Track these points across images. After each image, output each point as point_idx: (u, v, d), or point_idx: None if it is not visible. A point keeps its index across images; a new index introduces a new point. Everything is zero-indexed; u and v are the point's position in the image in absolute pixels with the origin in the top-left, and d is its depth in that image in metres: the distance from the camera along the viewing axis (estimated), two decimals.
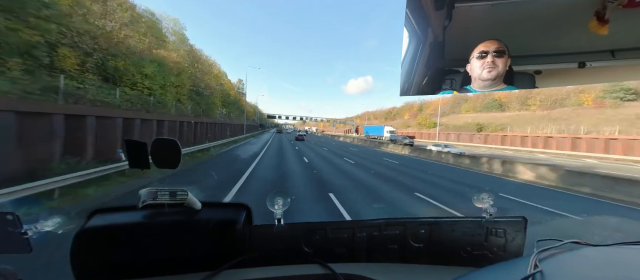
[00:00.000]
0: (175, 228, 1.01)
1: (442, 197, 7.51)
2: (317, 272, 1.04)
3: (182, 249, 1.01)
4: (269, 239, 1.10)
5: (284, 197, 1.17)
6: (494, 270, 0.87)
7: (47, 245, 1.24)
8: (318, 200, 6.71)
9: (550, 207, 6.81)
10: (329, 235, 1.14)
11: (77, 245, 0.91)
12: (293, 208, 1.15)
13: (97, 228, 0.96)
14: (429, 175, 11.79)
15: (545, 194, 9.00)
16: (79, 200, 5.91)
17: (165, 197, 0.96)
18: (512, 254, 1.16)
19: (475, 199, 1.21)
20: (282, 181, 8.95)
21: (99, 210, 1.03)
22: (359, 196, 7.38)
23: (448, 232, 1.18)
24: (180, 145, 1.03)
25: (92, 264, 0.93)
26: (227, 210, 1.15)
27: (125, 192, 6.84)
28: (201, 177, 9.25)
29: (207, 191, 7.32)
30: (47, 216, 1.32)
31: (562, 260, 0.85)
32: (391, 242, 1.17)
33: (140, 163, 1.02)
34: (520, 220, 1.18)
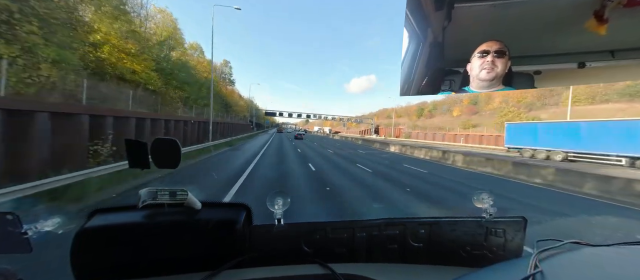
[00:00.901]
0: (175, 228, 1.01)
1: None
2: (317, 272, 1.04)
3: (182, 249, 1.01)
4: (269, 239, 1.10)
5: (284, 197, 1.17)
6: (494, 270, 0.87)
7: (47, 245, 1.25)
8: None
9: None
10: (329, 235, 1.14)
11: (77, 245, 0.91)
12: (293, 208, 1.13)
13: (97, 228, 0.96)
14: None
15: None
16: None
17: (165, 197, 0.96)
18: (512, 254, 1.16)
19: (475, 199, 1.22)
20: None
21: (99, 210, 1.03)
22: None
23: (448, 232, 1.18)
24: (180, 145, 1.03)
25: (92, 264, 0.93)
26: (227, 210, 1.15)
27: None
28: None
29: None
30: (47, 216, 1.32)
31: (562, 260, 0.85)
32: (391, 242, 1.18)
33: (140, 163, 1.02)
34: (520, 220, 1.18)
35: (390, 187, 8.52)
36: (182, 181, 8.26)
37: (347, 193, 7.42)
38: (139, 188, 0.97)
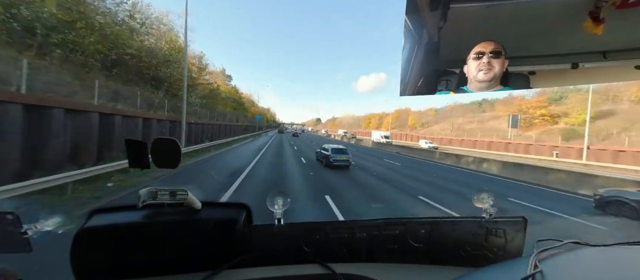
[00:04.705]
0: (175, 228, 1.01)
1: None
2: (317, 272, 1.04)
3: (182, 249, 1.01)
4: (269, 238, 1.10)
5: (284, 197, 1.18)
6: (494, 270, 0.87)
7: (47, 245, 1.24)
8: None
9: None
10: (329, 235, 1.14)
11: (77, 245, 0.91)
12: (293, 208, 1.13)
13: (97, 228, 0.96)
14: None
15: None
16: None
17: (165, 197, 0.96)
18: (512, 254, 1.16)
19: (475, 199, 1.22)
20: None
21: (99, 210, 1.03)
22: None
23: (448, 232, 1.18)
24: (180, 145, 1.04)
25: (92, 263, 0.93)
26: (227, 210, 1.15)
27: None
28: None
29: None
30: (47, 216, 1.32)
31: (562, 261, 0.84)
32: (391, 242, 1.18)
33: (140, 163, 1.02)
34: (519, 220, 1.18)
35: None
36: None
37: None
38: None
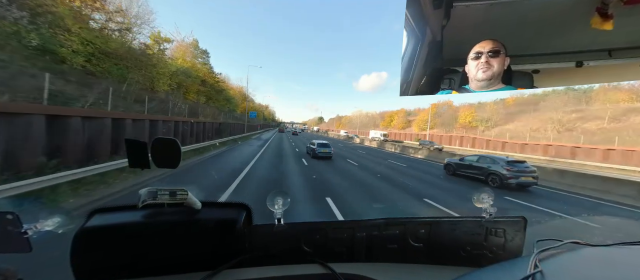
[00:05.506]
0: (175, 228, 1.01)
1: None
2: (317, 271, 1.04)
3: (182, 249, 1.01)
4: (269, 238, 1.10)
5: (284, 197, 1.17)
6: (494, 270, 0.87)
7: (47, 245, 1.24)
8: None
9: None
10: (329, 235, 1.14)
11: (77, 245, 0.91)
12: (293, 208, 1.14)
13: (97, 228, 0.96)
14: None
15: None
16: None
17: (165, 196, 0.96)
18: (512, 253, 1.16)
19: (475, 199, 1.21)
20: None
21: (98, 209, 1.03)
22: None
23: (448, 232, 1.18)
24: (180, 145, 1.03)
25: (92, 263, 0.93)
26: (227, 210, 1.15)
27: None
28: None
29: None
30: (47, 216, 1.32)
31: (562, 260, 0.84)
32: (391, 242, 1.17)
33: (140, 163, 1.02)
34: (519, 220, 1.18)
35: None
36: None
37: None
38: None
